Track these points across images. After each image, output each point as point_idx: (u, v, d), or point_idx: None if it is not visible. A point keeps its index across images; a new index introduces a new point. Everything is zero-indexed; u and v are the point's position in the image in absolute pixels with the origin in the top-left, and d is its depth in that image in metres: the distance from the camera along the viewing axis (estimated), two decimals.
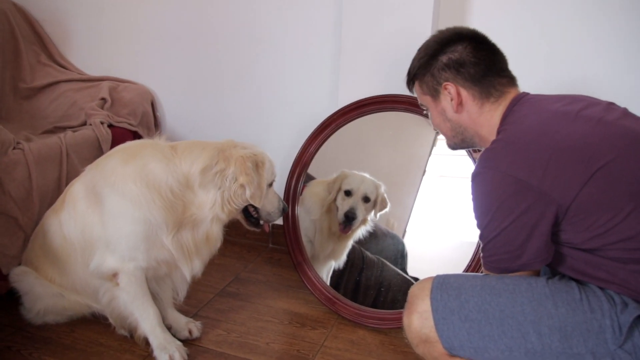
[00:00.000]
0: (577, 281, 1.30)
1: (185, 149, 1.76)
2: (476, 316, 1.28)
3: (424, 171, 2.20)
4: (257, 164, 1.78)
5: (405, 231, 2.23)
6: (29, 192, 2.06)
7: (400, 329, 2.01)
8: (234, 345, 1.92)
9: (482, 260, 1.38)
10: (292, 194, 2.31)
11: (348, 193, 2.22)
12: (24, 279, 1.94)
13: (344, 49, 2.26)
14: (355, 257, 2.26)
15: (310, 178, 2.35)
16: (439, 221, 2.23)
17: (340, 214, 2.21)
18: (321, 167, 2.33)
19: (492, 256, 1.33)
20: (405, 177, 2.28)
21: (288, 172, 2.33)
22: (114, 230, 1.71)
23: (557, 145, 1.24)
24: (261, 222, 1.89)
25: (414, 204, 2.22)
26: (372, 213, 2.23)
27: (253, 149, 1.81)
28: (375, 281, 2.18)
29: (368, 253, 2.25)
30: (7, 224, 2.02)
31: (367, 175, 2.24)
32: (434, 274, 1.40)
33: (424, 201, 2.20)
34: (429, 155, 2.18)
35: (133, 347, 1.87)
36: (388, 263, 2.21)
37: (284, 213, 1.94)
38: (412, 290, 1.42)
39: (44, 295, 1.93)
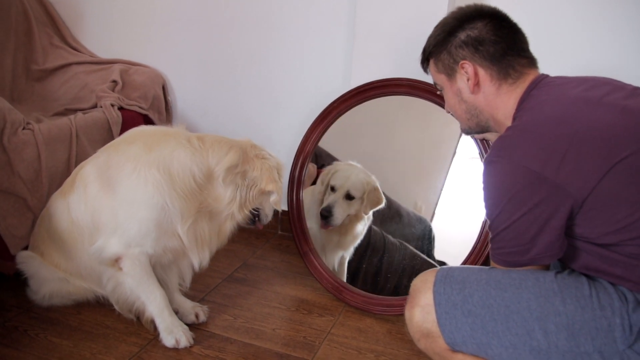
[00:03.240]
0: (588, 276, 1.24)
1: (214, 143, 1.76)
2: (480, 311, 1.24)
3: (454, 153, 2.12)
4: (279, 172, 1.83)
5: (434, 214, 2.16)
6: (38, 173, 2.05)
7: (402, 315, 1.99)
8: (240, 331, 1.90)
9: (490, 252, 1.33)
10: (296, 183, 2.29)
11: (333, 189, 2.18)
12: (29, 262, 1.94)
13: (357, 34, 2.22)
14: (376, 242, 2.22)
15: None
16: (469, 204, 2.11)
17: (319, 210, 2.18)
18: (343, 148, 2.32)
19: (500, 248, 1.28)
20: (435, 160, 2.22)
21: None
22: (127, 215, 1.70)
23: (576, 135, 1.17)
24: (257, 222, 1.91)
25: (443, 186, 2.15)
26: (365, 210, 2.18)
27: (272, 155, 1.85)
28: (397, 265, 2.14)
29: (390, 237, 2.20)
30: (16, 204, 2.02)
31: (358, 168, 2.20)
32: (462, 258, 1.35)
33: (454, 184, 2.13)
34: (460, 137, 2.10)
35: (139, 330, 1.86)
36: (410, 247, 2.16)
37: None
38: (415, 283, 1.38)
39: (50, 279, 1.92)
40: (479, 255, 1.92)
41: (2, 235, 1.98)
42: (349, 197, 2.15)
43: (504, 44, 1.38)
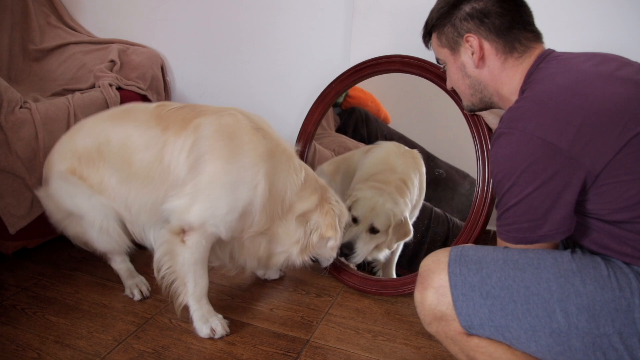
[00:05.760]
0: (601, 256, 1.21)
1: (307, 180, 1.76)
2: (499, 293, 1.19)
3: None
4: (340, 220, 1.80)
5: None
6: (36, 153, 2.04)
7: (403, 296, 1.99)
8: (238, 310, 1.90)
9: (497, 229, 1.29)
10: None
11: (355, 220, 1.97)
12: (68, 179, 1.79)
13: (357, 10, 2.19)
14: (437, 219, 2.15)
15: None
16: None
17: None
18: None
19: (510, 225, 1.24)
20: None
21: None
22: (227, 196, 1.61)
23: (591, 107, 1.14)
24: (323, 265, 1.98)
25: None
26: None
27: (339, 202, 1.84)
28: (441, 237, 2.09)
29: (436, 209, 2.11)
30: (14, 183, 2.01)
31: (385, 195, 1.98)
32: None
33: None
34: None
35: (136, 309, 1.87)
36: (455, 219, 2.09)
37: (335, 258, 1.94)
38: (426, 264, 1.31)
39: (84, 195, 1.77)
40: (469, 235, 1.88)
41: (1, 215, 1.97)
42: (372, 230, 1.97)
43: (509, 17, 1.35)
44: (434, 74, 1.93)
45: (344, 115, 2.34)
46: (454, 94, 1.84)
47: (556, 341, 1.15)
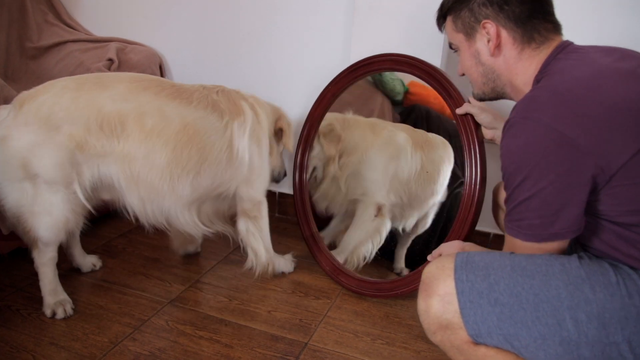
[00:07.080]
0: (608, 262, 1.17)
1: None
2: (508, 300, 1.14)
3: None
4: None
5: None
6: None
7: (401, 299, 1.98)
8: (235, 312, 1.88)
9: (506, 225, 1.23)
10: (299, 166, 2.25)
11: None
12: None
13: (357, 9, 2.18)
14: None
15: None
16: None
17: None
18: None
19: (521, 220, 1.18)
20: None
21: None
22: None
23: (610, 104, 1.09)
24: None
25: None
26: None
27: None
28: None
29: None
30: None
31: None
32: None
33: None
34: None
35: (132, 311, 1.84)
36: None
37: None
38: (430, 271, 1.25)
39: None
40: (458, 234, 1.83)
41: None
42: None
43: (530, 6, 1.30)
44: (424, 71, 1.89)
45: (404, 113, 2.33)
46: (444, 93, 1.82)
47: (565, 350, 1.11)
